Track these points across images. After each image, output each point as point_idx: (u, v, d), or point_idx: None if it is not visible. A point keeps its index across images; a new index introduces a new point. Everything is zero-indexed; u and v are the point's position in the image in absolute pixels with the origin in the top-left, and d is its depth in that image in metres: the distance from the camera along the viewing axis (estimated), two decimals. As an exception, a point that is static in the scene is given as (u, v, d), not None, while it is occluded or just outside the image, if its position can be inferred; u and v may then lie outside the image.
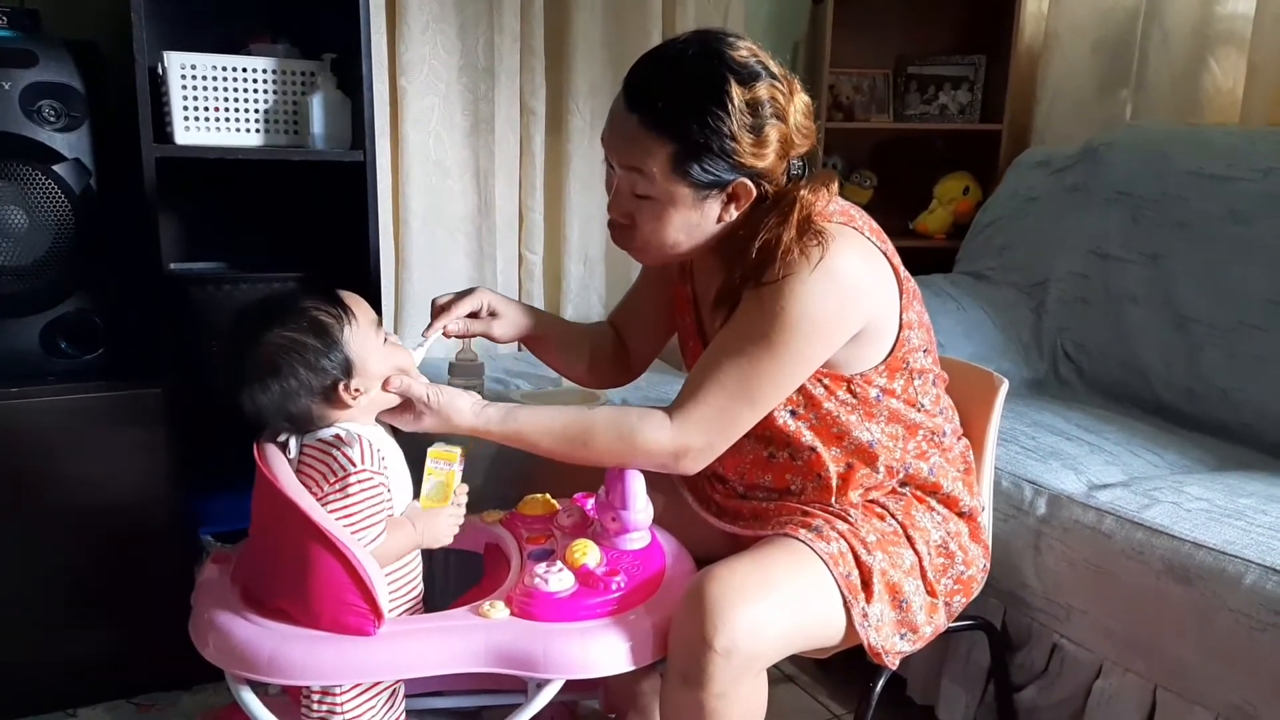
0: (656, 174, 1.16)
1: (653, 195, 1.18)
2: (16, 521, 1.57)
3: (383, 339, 1.20)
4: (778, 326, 1.15)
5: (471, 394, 1.23)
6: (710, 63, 1.14)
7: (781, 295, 1.15)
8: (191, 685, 1.71)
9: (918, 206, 2.79)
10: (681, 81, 1.15)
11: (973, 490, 1.34)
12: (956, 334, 2.13)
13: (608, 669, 1.11)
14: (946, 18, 2.81)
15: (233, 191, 1.93)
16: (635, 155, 1.17)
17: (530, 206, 2.42)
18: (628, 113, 1.16)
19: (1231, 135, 2.05)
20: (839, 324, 1.19)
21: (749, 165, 1.16)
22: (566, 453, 1.22)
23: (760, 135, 1.15)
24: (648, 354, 1.55)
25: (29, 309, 1.59)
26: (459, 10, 2.23)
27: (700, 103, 1.13)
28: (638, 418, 1.21)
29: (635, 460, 1.22)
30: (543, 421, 1.22)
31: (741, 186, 1.18)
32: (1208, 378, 1.91)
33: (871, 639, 1.18)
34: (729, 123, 1.13)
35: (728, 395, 1.19)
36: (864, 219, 1.26)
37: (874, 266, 1.22)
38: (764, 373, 1.17)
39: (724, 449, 1.23)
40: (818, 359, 1.20)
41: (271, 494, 1.12)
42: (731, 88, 1.12)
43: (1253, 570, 1.26)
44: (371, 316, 1.20)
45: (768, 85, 1.15)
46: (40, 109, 1.54)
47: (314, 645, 1.09)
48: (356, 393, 1.16)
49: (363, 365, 1.16)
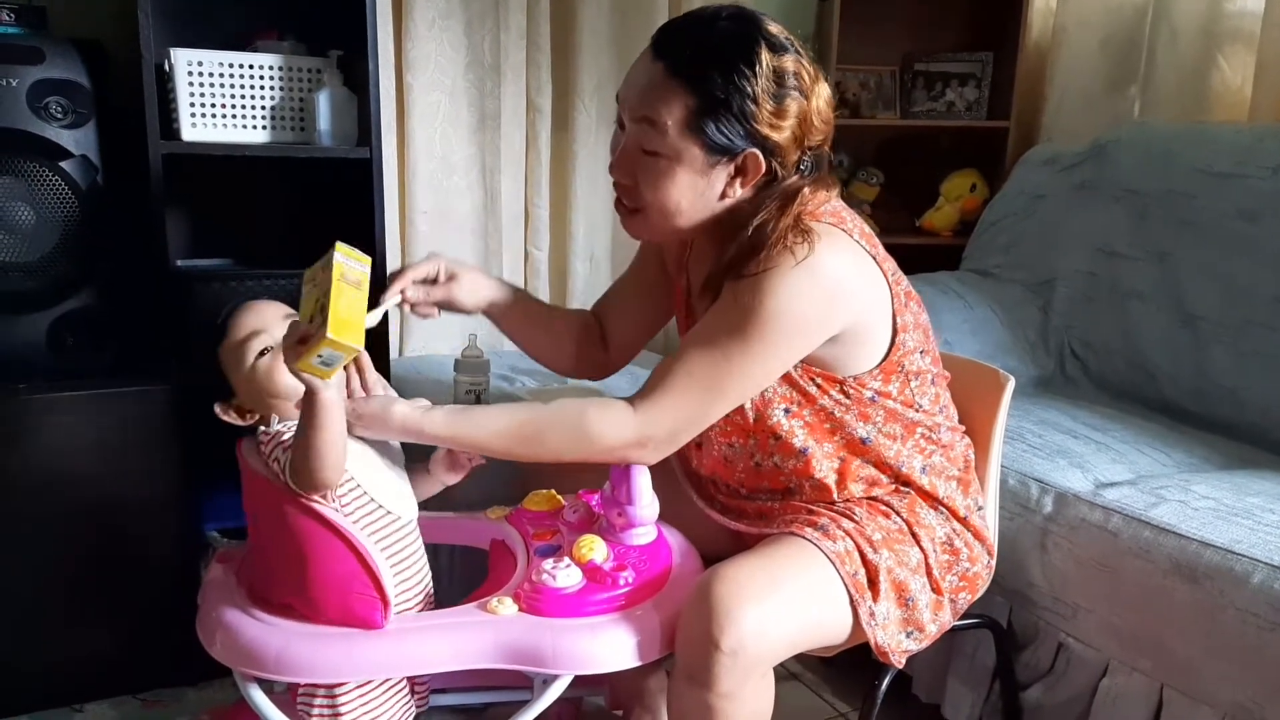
0: (670, 127, 1.15)
1: (661, 151, 1.16)
2: (23, 518, 1.57)
3: None
4: (753, 320, 1.14)
5: (417, 401, 1.19)
6: (744, 25, 1.15)
7: (759, 289, 1.14)
8: (197, 681, 1.71)
9: (924, 204, 2.78)
10: (713, 35, 1.15)
11: (969, 491, 1.33)
12: (963, 331, 2.13)
13: (616, 664, 1.11)
14: (954, 14, 2.80)
15: (239, 188, 1.93)
16: (652, 104, 1.15)
17: (536, 203, 2.42)
18: (653, 60, 1.16)
19: (1239, 133, 2.04)
20: (815, 323, 1.17)
21: (763, 134, 1.15)
22: (523, 452, 1.21)
23: (781, 105, 1.14)
24: (629, 347, 1.52)
25: (36, 305, 1.59)
26: (465, 7, 2.23)
27: (729, 57, 1.13)
28: (596, 409, 1.19)
29: (594, 454, 1.20)
30: (494, 422, 1.19)
31: (752, 159, 1.17)
32: (1215, 376, 1.90)
33: (878, 638, 1.18)
34: (754, 83, 1.13)
35: (696, 386, 1.18)
36: (855, 222, 1.24)
37: (860, 268, 1.20)
38: (735, 366, 1.16)
39: (686, 440, 1.22)
40: (792, 356, 1.19)
41: (258, 487, 1.13)
42: (762, 50, 1.13)
43: (1260, 569, 1.25)
44: (255, 339, 1.17)
45: (795, 60, 1.16)
46: (47, 106, 1.54)
47: (322, 642, 1.09)
48: (244, 412, 1.18)
49: (240, 387, 1.18)
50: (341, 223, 1.88)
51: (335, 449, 1.06)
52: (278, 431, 1.14)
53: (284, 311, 1.20)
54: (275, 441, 1.12)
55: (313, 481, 1.07)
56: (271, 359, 1.16)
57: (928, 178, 2.79)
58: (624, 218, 1.27)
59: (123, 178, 1.62)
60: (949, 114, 2.76)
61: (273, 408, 1.17)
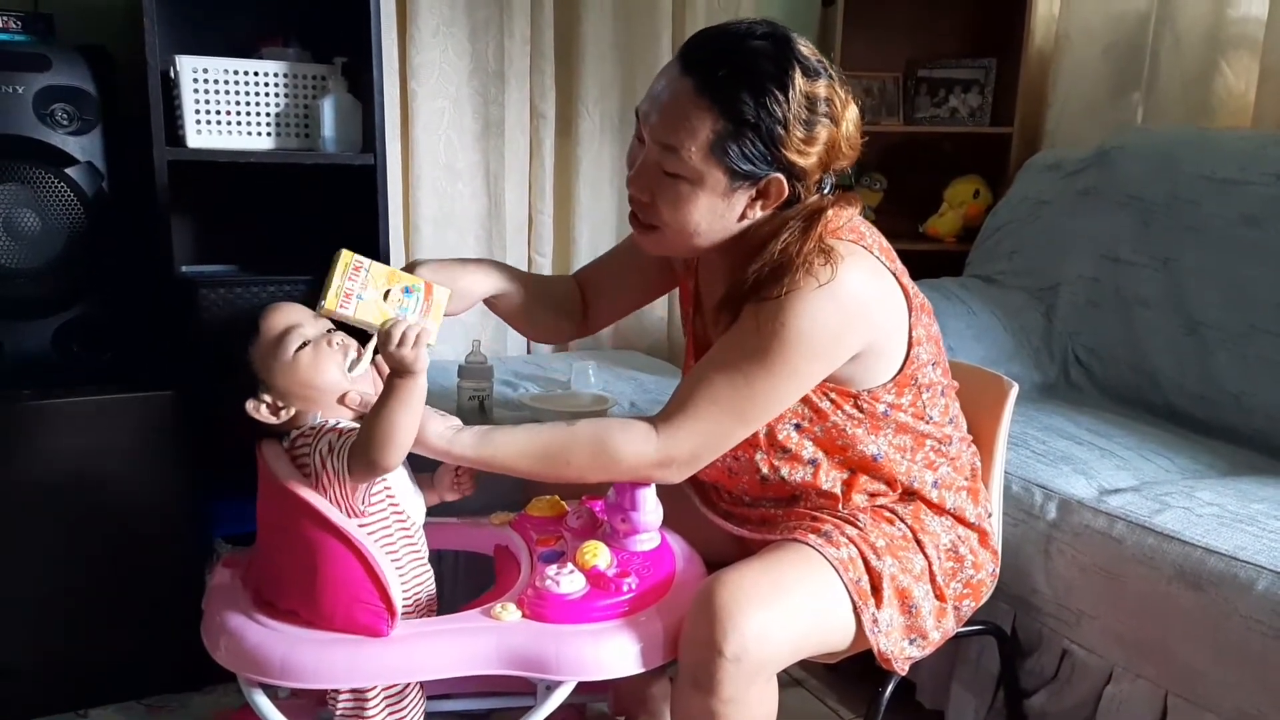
0: (694, 152, 1.11)
1: (683, 175, 1.14)
2: (28, 524, 1.57)
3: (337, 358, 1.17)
4: (776, 344, 1.13)
5: (449, 418, 1.20)
6: (778, 45, 1.12)
7: (783, 312, 1.13)
8: (202, 686, 1.71)
9: (928, 210, 2.79)
10: (747, 55, 1.11)
11: (978, 499, 1.33)
12: (967, 337, 2.13)
13: (619, 670, 1.11)
14: (957, 21, 2.81)
15: (244, 195, 1.93)
16: (677, 124, 1.12)
17: (540, 209, 2.43)
18: (681, 75, 1.12)
19: (1243, 139, 2.04)
20: (839, 345, 1.17)
21: (790, 161, 1.13)
22: (547, 473, 1.20)
23: (811, 131, 1.12)
24: (609, 316, 1.53)
25: (41, 311, 1.60)
26: (469, 14, 2.24)
27: (762, 80, 1.09)
28: (619, 429, 1.19)
29: (618, 475, 1.20)
30: (519, 443, 1.19)
31: (775, 183, 1.15)
32: (1219, 382, 1.90)
33: (881, 644, 1.18)
34: (785, 108, 1.10)
35: (719, 410, 1.17)
36: (874, 236, 1.24)
37: (882, 286, 1.20)
38: (758, 390, 1.16)
39: (707, 462, 1.21)
40: (814, 379, 1.19)
41: (276, 491, 1.13)
42: (796, 74, 1.10)
43: (1265, 576, 1.25)
44: (294, 332, 1.17)
45: (828, 85, 1.13)
46: (53, 112, 1.55)
47: (326, 648, 1.09)
48: (278, 409, 1.16)
49: (277, 383, 1.16)
50: (346, 229, 1.89)
51: (409, 433, 1.08)
52: (322, 424, 1.15)
53: (310, 313, 1.20)
54: (321, 433, 1.13)
55: (375, 462, 1.08)
56: (313, 350, 1.16)
57: (931, 184, 2.80)
58: (639, 233, 1.24)
59: (128, 184, 1.63)
60: (952, 120, 2.76)
61: (312, 402, 1.17)
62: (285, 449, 1.17)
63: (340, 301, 1.10)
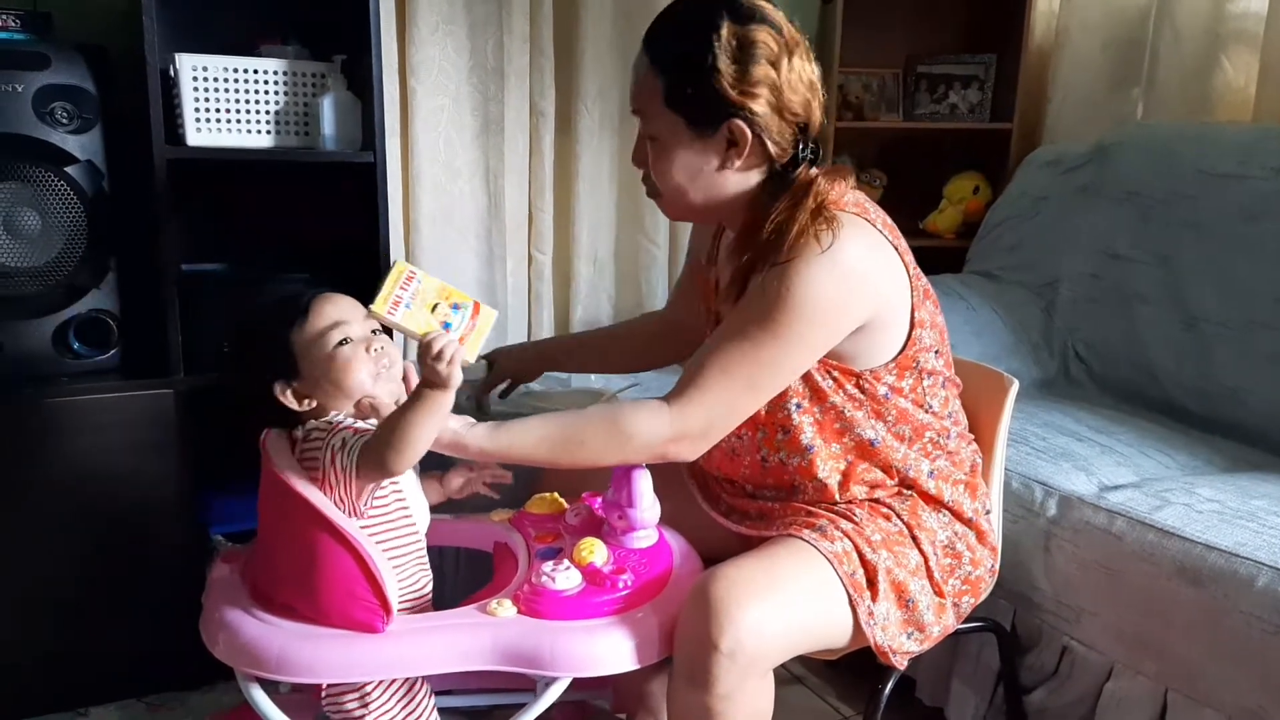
0: (655, 108, 1.21)
1: (656, 135, 1.23)
2: (29, 520, 1.58)
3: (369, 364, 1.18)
4: (781, 309, 1.15)
5: (463, 415, 1.22)
6: (709, 1, 1.19)
7: (787, 277, 1.15)
8: (202, 685, 1.72)
9: (927, 206, 2.78)
10: (678, 14, 1.23)
11: (976, 495, 1.33)
12: (966, 333, 2.13)
13: (614, 667, 1.11)
14: (956, 17, 2.81)
15: (244, 192, 1.93)
16: (641, 93, 1.23)
17: (540, 207, 2.43)
18: (641, 53, 1.23)
19: (1241, 133, 2.04)
20: (843, 311, 1.18)
21: (736, 101, 1.17)
22: (562, 457, 1.21)
23: (746, 70, 1.16)
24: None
25: (42, 310, 1.60)
26: (469, 11, 2.23)
27: (686, 27, 1.19)
28: (631, 409, 1.21)
29: (633, 453, 1.21)
30: (533, 431, 1.21)
31: (738, 130, 1.18)
32: (1219, 377, 1.90)
33: (878, 638, 1.18)
34: (714, 48, 1.16)
35: (729, 379, 1.18)
36: (878, 213, 1.26)
37: (883, 258, 1.22)
38: (765, 357, 1.17)
39: (721, 435, 1.22)
40: (821, 346, 1.19)
41: (276, 486, 1.13)
42: (722, 21, 1.17)
43: (1265, 572, 1.25)
44: (340, 328, 1.18)
45: (762, 30, 1.17)
46: (53, 111, 1.55)
47: (322, 643, 1.10)
48: (302, 397, 1.17)
49: (308, 372, 1.17)
50: (346, 227, 1.89)
51: (424, 443, 1.10)
52: (338, 421, 1.16)
53: (362, 310, 1.20)
54: (336, 429, 1.13)
55: (385, 464, 1.09)
56: (352, 350, 1.17)
57: (931, 180, 2.79)
58: (656, 203, 1.32)
59: (128, 182, 1.63)
60: (952, 116, 2.76)
61: (334, 398, 1.18)
62: (298, 438, 1.17)
63: (389, 307, 1.13)
